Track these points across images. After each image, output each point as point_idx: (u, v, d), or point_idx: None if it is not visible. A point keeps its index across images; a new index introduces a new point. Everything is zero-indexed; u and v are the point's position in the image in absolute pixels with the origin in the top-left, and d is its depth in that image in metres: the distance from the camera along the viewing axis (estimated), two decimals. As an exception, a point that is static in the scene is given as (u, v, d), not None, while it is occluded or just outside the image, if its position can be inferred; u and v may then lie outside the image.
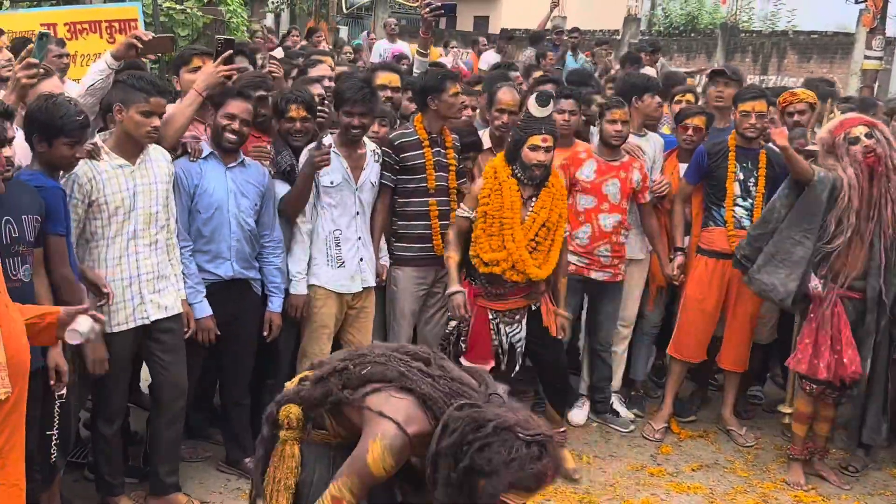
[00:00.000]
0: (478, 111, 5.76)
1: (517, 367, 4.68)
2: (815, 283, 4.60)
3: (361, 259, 4.56)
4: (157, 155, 3.93)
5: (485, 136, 5.27)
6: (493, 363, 4.53)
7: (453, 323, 4.62)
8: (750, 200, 5.12)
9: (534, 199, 4.49)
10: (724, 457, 5.14)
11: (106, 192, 3.73)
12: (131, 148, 3.81)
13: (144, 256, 3.87)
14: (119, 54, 4.00)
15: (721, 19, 23.10)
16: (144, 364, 4.24)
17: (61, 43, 6.12)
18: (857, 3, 12.97)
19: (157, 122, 3.76)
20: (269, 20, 21.87)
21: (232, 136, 4.17)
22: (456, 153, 4.95)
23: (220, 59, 4.11)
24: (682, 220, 5.35)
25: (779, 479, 4.89)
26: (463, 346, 4.56)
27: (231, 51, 4.18)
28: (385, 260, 4.84)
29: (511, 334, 4.61)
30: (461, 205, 4.63)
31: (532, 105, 4.38)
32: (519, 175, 4.46)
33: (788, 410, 5.14)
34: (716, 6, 24.52)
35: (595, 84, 6.83)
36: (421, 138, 4.80)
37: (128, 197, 3.78)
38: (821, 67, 18.43)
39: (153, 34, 4.62)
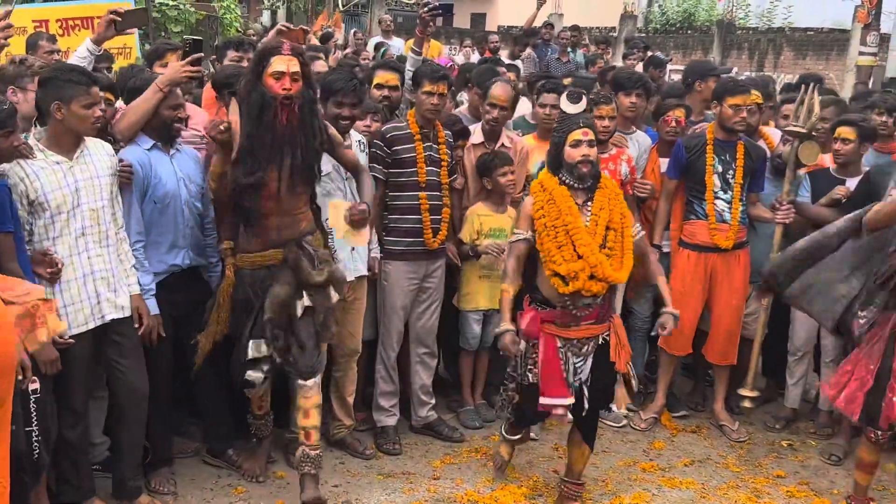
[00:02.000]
0: (466, 105, 5.75)
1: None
2: (865, 320, 4.17)
3: (353, 248, 4.55)
4: (96, 148, 3.87)
5: (476, 130, 5.26)
6: (572, 399, 4.11)
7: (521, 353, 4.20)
8: (730, 192, 5.13)
9: (589, 203, 4.09)
10: (717, 452, 5.14)
11: (45, 190, 3.65)
12: (68, 143, 3.75)
13: (96, 253, 3.80)
14: (100, 37, 4.02)
15: (717, 16, 23.10)
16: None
17: (52, 39, 6.10)
18: (852, -1, 12.97)
19: (98, 111, 3.74)
20: (265, 17, 21.88)
21: (179, 125, 4.24)
22: (448, 149, 4.94)
23: (187, 59, 4.15)
24: (665, 217, 5.35)
25: (771, 474, 4.88)
26: (530, 376, 4.13)
27: (200, 53, 4.21)
28: (376, 252, 4.83)
29: (578, 366, 4.14)
30: (514, 229, 4.26)
31: (564, 103, 4.13)
32: (567, 181, 4.08)
33: (749, 394, 5.15)
34: (712, 3, 24.53)
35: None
36: (413, 132, 4.80)
37: (70, 194, 3.70)
38: (817, 64, 18.45)
39: (129, 6, 4.70)
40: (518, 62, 10.17)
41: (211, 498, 4.32)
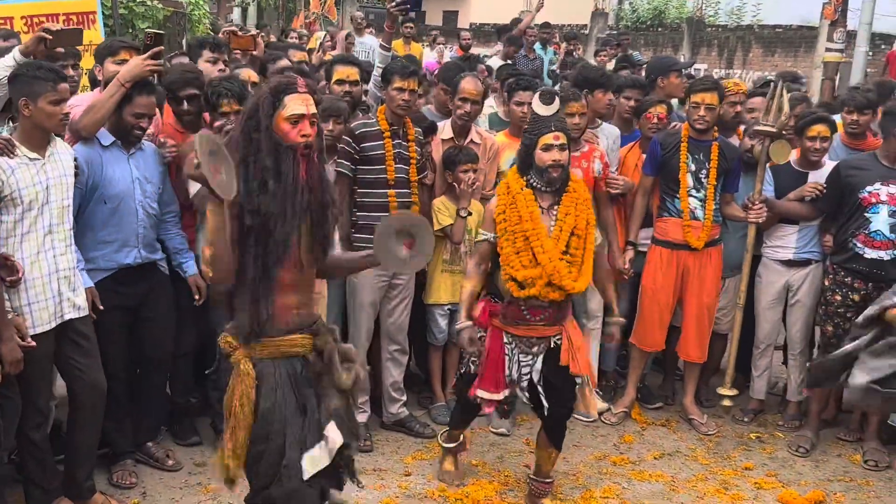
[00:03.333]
0: (433, 103, 5.75)
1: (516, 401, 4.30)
2: None
3: None
4: (62, 147, 3.87)
5: (445, 125, 5.26)
6: (502, 395, 4.14)
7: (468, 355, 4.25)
8: (703, 192, 5.17)
9: (556, 206, 4.05)
10: (686, 445, 5.18)
11: (20, 186, 3.63)
12: (39, 140, 3.73)
13: (61, 252, 3.79)
14: (28, 50, 3.94)
15: (687, 14, 23.26)
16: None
17: (17, 37, 6.02)
18: (819, -4, 13.10)
19: (66, 108, 3.72)
20: (235, 14, 21.74)
21: (139, 133, 4.19)
22: (418, 146, 4.94)
23: (148, 53, 4.09)
24: (641, 213, 5.37)
25: (739, 466, 4.93)
26: (472, 367, 4.18)
27: (161, 46, 4.15)
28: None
29: (523, 364, 4.13)
30: (479, 229, 4.27)
31: (536, 104, 4.04)
32: (535, 184, 4.03)
33: (728, 392, 5.24)
34: (682, 1, 24.69)
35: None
36: (382, 129, 4.78)
37: (41, 191, 3.69)
38: (785, 61, 18.63)
39: (61, 26, 4.59)
40: (496, 59, 10.20)
41: (180, 497, 4.29)
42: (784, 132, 5.11)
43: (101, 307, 4.05)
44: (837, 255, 5.04)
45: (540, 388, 4.11)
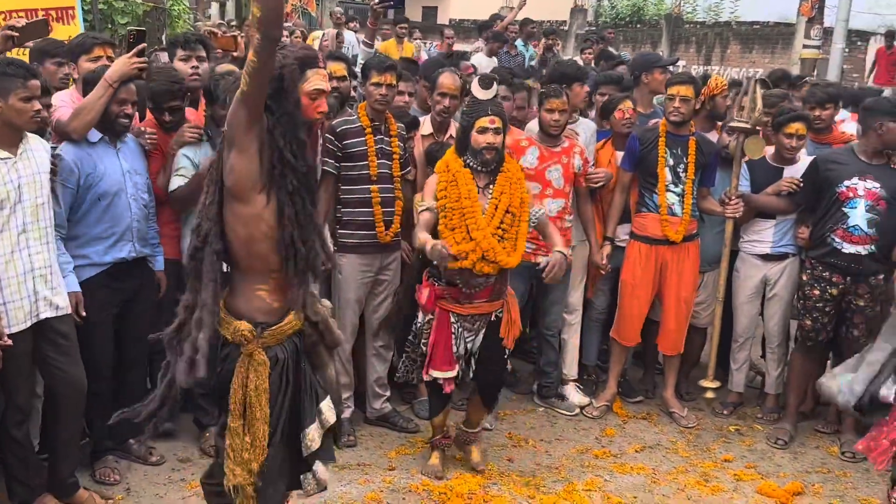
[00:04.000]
0: (415, 97, 5.76)
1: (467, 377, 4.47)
2: (887, 391, 3.79)
3: None
4: (36, 144, 3.83)
5: (426, 121, 5.28)
6: (455, 370, 4.35)
7: (417, 324, 4.38)
8: (681, 186, 5.22)
9: (491, 185, 4.29)
10: (667, 438, 5.24)
11: None
12: (10, 138, 3.70)
13: (36, 251, 3.76)
14: None
15: (665, 10, 23.35)
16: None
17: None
18: (796, -7, 13.21)
19: (38, 105, 3.68)
20: (213, 10, 21.63)
21: (125, 121, 4.20)
22: (400, 141, 4.95)
23: (133, 51, 4.08)
24: (620, 209, 5.42)
25: (719, 458, 4.99)
26: (424, 348, 4.36)
27: (144, 43, 4.15)
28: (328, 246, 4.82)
29: (468, 340, 4.36)
30: (423, 197, 4.39)
31: (476, 88, 4.30)
32: (471, 163, 4.27)
33: (710, 385, 5.33)
34: (661, -3, 24.80)
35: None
36: (364, 125, 4.80)
37: (13, 189, 3.66)
38: (762, 57, 18.77)
39: (25, 20, 4.56)
40: (480, 56, 10.22)
41: (164, 493, 4.29)
42: (758, 128, 5.17)
43: (84, 313, 4.03)
44: (815, 250, 5.10)
45: (472, 359, 4.39)
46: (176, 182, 4.49)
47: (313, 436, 3.02)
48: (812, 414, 5.60)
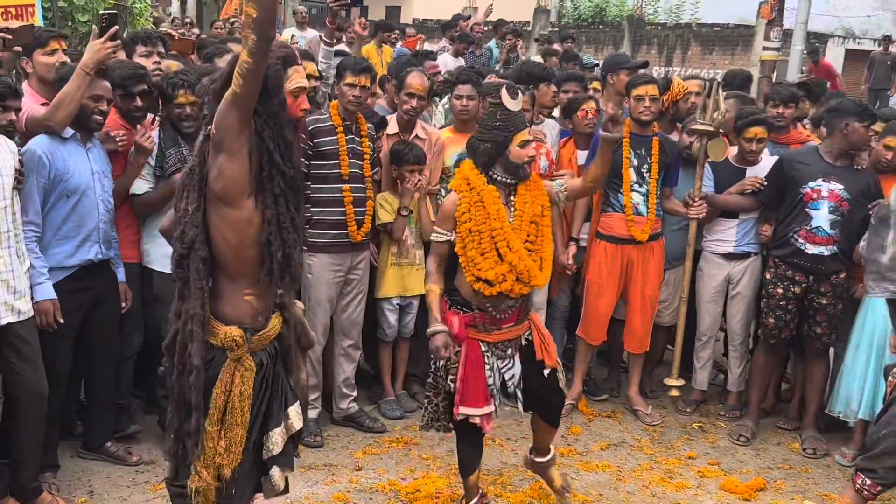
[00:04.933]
0: (384, 97, 5.76)
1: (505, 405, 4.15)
2: None
3: None
4: (1, 146, 3.78)
5: (392, 120, 5.28)
6: (492, 406, 3.94)
7: (441, 361, 3.95)
8: (645, 186, 5.27)
9: (512, 196, 3.94)
10: (632, 436, 5.28)
11: None
12: None
13: None
14: None
15: (627, 12, 23.54)
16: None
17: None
18: (756, -5, 13.39)
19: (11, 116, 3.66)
20: (174, 7, 21.41)
21: (100, 118, 4.16)
22: (371, 141, 4.95)
23: (106, 35, 4.03)
24: (584, 209, 5.46)
25: (683, 455, 5.05)
26: (452, 385, 3.92)
27: (116, 26, 4.10)
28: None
29: (504, 369, 3.98)
30: (435, 228, 4.03)
31: (506, 99, 3.87)
32: (499, 178, 3.89)
33: (675, 383, 5.39)
34: (622, -1, 25.00)
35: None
36: (335, 124, 4.79)
37: None
38: (723, 59, 19.03)
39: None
40: (447, 56, 10.24)
41: (128, 495, 4.25)
42: (720, 131, 5.24)
43: (62, 320, 3.97)
44: (779, 250, 5.17)
45: (518, 392, 4.01)
46: (141, 186, 4.45)
47: (276, 440, 3.00)
48: (773, 411, 5.68)
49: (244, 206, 2.81)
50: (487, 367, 3.92)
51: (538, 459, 4.29)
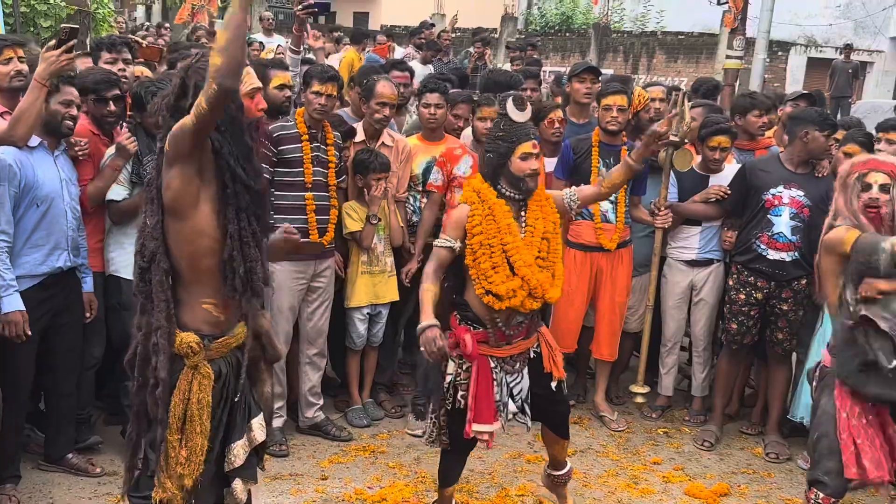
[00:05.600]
0: (350, 105, 5.74)
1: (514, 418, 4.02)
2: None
3: None
4: None
5: (359, 128, 5.26)
6: (499, 425, 3.87)
7: (449, 377, 3.83)
8: (614, 195, 5.30)
9: (523, 212, 3.88)
10: (598, 442, 5.31)
11: None
12: None
13: None
14: None
15: (594, 20, 23.71)
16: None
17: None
18: (719, 4, 13.52)
19: None
20: (139, 12, 21.25)
21: (70, 123, 4.14)
22: (337, 150, 4.93)
23: (63, 48, 3.99)
24: None
25: (648, 461, 5.08)
26: (462, 401, 3.81)
27: (75, 40, 4.07)
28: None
29: (512, 384, 3.91)
30: (441, 234, 3.93)
31: (512, 110, 3.81)
32: (506, 192, 3.82)
33: (640, 390, 5.43)
34: (589, 7, 25.16)
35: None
36: (300, 132, 4.77)
37: None
38: (687, 67, 19.23)
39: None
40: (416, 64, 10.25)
41: (90, 508, 4.20)
42: (686, 141, 5.29)
43: (29, 332, 3.93)
44: (741, 256, 5.23)
45: (526, 406, 3.97)
46: (119, 192, 4.42)
47: (238, 452, 2.97)
48: (737, 416, 5.74)
49: (193, 217, 2.80)
50: (496, 382, 3.86)
51: (554, 473, 4.29)
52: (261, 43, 11.06)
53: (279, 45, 10.33)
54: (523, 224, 3.85)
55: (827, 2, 21.32)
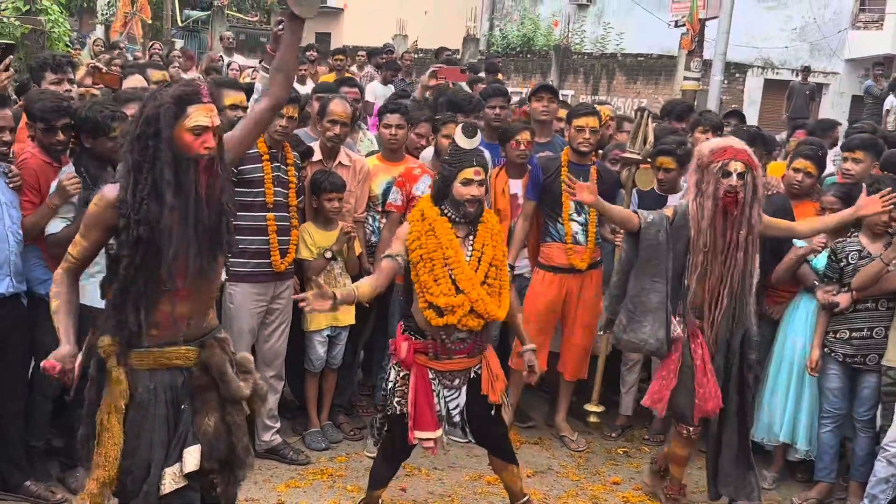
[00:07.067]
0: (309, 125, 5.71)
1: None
2: (674, 325, 4.34)
3: None
4: None
5: (315, 147, 5.23)
6: (440, 432, 4.00)
7: (390, 383, 4.02)
8: (584, 216, 5.32)
9: (471, 237, 3.97)
10: (558, 462, 5.29)
11: None
12: None
13: None
14: None
15: (554, 41, 23.91)
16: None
17: None
18: (677, 26, 13.69)
19: None
20: (98, 31, 21.06)
21: (4, 148, 4.05)
22: (297, 170, 4.89)
23: (2, 65, 3.92)
24: (522, 237, 5.44)
25: (608, 481, 5.07)
26: (399, 407, 3.96)
27: (11, 56, 4.01)
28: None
29: (449, 399, 4.02)
30: (390, 246, 4.01)
31: (459, 137, 3.93)
32: (450, 214, 3.93)
33: (595, 409, 5.44)
34: (549, 29, 25.37)
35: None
36: (261, 152, 4.71)
37: None
38: (647, 88, 19.43)
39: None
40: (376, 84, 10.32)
41: (40, 536, 4.09)
42: (648, 160, 5.34)
43: None
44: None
45: (463, 422, 4.08)
46: (57, 225, 4.19)
47: (167, 480, 2.93)
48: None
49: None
50: (434, 393, 3.98)
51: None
52: (229, 63, 11.05)
53: (254, 69, 10.30)
54: (470, 248, 3.96)
55: (783, 24, 21.67)
